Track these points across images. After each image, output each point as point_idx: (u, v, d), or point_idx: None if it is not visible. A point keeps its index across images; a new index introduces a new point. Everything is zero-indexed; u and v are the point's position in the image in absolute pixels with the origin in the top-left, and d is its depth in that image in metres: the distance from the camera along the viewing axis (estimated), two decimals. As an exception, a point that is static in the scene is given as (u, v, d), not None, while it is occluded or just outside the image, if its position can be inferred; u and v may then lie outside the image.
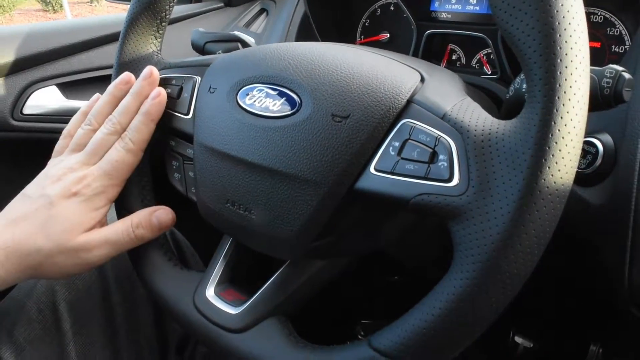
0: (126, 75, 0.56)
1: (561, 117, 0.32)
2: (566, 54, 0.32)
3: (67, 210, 0.51)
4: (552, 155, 0.32)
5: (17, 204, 0.54)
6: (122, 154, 0.53)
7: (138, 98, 0.55)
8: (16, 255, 0.50)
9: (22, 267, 0.51)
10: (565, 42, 0.32)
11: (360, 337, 0.75)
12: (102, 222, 0.54)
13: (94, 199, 0.52)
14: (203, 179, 0.52)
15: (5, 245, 0.50)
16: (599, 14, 0.67)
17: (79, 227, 0.51)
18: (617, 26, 0.66)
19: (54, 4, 11.32)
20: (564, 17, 0.32)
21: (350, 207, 0.44)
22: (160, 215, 0.55)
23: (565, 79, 0.32)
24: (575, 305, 0.86)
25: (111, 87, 0.57)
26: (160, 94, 0.55)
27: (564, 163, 0.33)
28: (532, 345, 0.92)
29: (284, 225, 0.45)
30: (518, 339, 0.94)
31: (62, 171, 0.53)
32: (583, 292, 0.78)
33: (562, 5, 0.32)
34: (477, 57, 0.78)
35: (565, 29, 0.32)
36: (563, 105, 0.32)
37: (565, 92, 0.32)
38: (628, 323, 0.65)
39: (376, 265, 0.61)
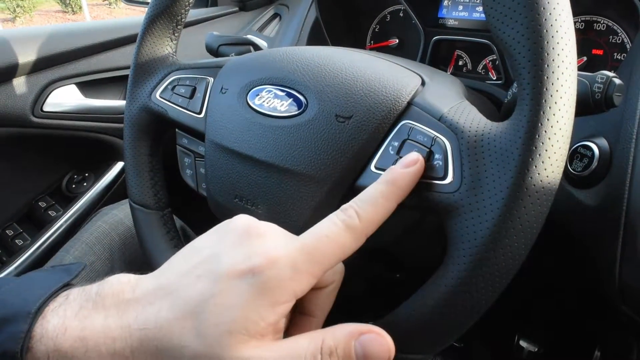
0: None
1: (547, 119, 0.34)
2: (553, 60, 0.34)
3: (232, 296, 0.31)
4: (539, 155, 0.34)
5: (180, 258, 0.36)
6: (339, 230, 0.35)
7: None
8: (152, 344, 0.32)
9: None
10: (553, 48, 0.34)
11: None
12: (278, 329, 0.33)
13: (275, 289, 0.32)
14: (213, 175, 0.54)
15: (145, 325, 0.32)
16: (601, 22, 0.69)
17: (243, 330, 0.31)
18: (619, 34, 0.68)
19: (73, 6, 11.47)
20: (551, 25, 0.33)
21: None
22: (368, 343, 0.33)
23: (552, 83, 0.34)
24: (579, 308, 0.87)
25: None
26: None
27: (550, 162, 0.34)
28: (537, 349, 0.93)
29: (289, 219, 0.48)
30: (523, 343, 0.94)
31: (249, 228, 0.35)
32: (584, 295, 0.79)
33: (550, 14, 0.33)
34: (483, 63, 0.80)
35: (552, 36, 0.33)
36: (550, 108, 0.34)
37: (551, 96, 0.34)
38: (623, 324, 0.66)
39: (379, 263, 0.63)
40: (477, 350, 1.01)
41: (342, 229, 0.34)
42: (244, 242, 0.34)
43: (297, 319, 0.38)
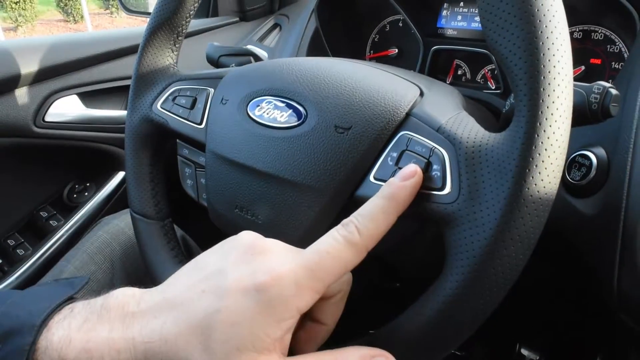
0: None
1: (544, 131, 0.34)
2: (549, 72, 0.34)
3: (237, 313, 0.32)
4: (536, 166, 0.34)
5: (185, 273, 0.37)
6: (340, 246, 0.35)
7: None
8: (157, 357, 0.33)
9: None
10: (549, 60, 0.34)
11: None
12: (284, 345, 0.34)
13: (279, 306, 0.32)
14: (214, 185, 0.54)
15: (150, 339, 0.33)
16: (599, 31, 0.69)
17: (251, 347, 0.32)
18: (617, 43, 0.68)
19: (75, 15, 11.53)
20: (547, 37, 0.34)
21: (351, 213, 0.46)
22: None
23: (548, 95, 0.34)
24: (579, 316, 0.87)
25: None
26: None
27: (547, 173, 0.35)
28: (538, 357, 0.93)
29: (288, 230, 0.48)
30: (524, 351, 0.94)
31: (254, 244, 0.36)
32: (584, 303, 0.79)
33: (545, 26, 0.34)
34: (482, 73, 0.80)
35: (548, 49, 0.34)
36: (546, 119, 0.34)
37: (548, 107, 0.34)
38: (622, 332, 0.66)
39: (375, 271, 0.63)
40: (478, 358, 1.01)
41: (343, 244, 0.35)
42: (248, 259, 0.34)
43: (308, 327, 0.39)
